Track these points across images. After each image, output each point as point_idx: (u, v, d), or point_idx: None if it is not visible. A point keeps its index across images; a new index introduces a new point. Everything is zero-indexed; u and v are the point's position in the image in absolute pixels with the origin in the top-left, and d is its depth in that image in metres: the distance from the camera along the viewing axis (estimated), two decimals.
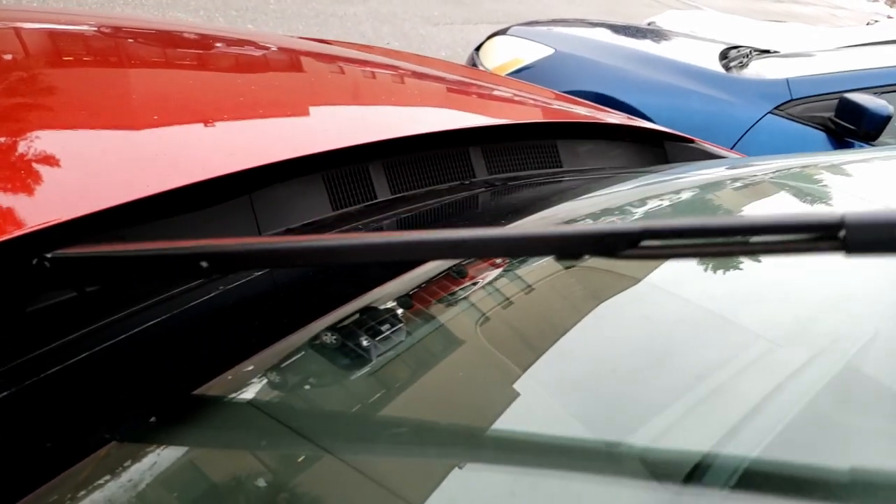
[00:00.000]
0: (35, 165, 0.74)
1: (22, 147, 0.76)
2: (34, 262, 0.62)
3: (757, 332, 0.73)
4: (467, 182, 1.21)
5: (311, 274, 0.85)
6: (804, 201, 1.12)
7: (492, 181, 1.24)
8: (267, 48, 1.42)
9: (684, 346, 0.72)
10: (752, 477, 0.54)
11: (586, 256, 0.53)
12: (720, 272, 0.85)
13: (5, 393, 0.60)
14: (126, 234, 0.75)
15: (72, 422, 0.60)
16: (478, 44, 3.91)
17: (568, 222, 1.03)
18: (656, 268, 0.84)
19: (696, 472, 0.53)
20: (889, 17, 15.21)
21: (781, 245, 0.45)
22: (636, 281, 0.83)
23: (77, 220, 0.65)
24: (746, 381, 0.65)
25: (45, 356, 0.64)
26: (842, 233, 0.42)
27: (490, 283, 0.83)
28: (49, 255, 0.62)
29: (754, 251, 0.46)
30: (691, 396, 0.62)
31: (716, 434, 0.57)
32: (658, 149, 1.65)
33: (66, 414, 0.61)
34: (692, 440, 0.58)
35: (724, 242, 0.48)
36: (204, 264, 0.59)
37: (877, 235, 0.42)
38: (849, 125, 2.80)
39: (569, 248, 0.53)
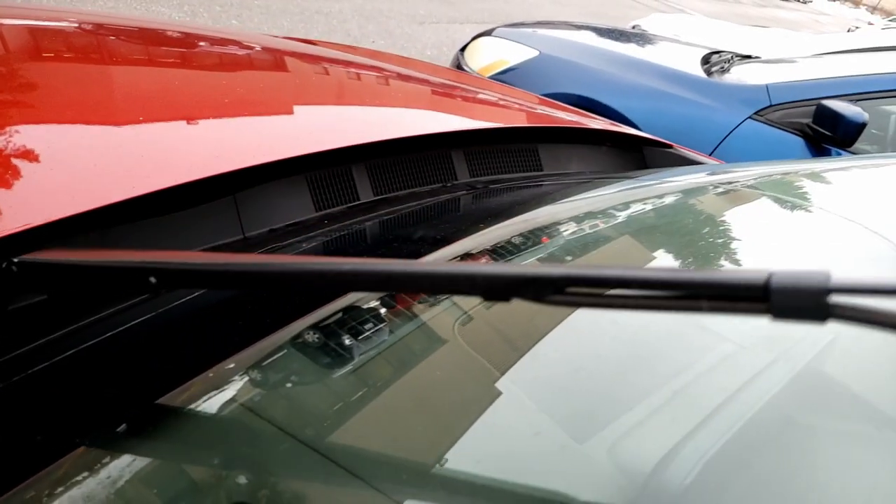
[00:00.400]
0: (15, 164, 0.74)
1: (1, 145, 0.77)
2: (2, 265, 0.62)
3: (723, 336, 0.76)
4: (449, 185, 1.22)
5: None
6: (783, 208, 1.15)
7: (473, 184, 1.26)
8: (252, 49, 1.43)
9: (655, 348, 0.75)
10: (714, 472, 0.56)
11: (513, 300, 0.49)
12: None
13: None
14: (110, 235, 0.76)
15: (47, 422, 0.61)
16: (463, 44, 3.93)
17: (549, 225, 1.05)
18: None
19: (661, 467, 0.56)
20: (870, 23, 15.40)
21: (707, 305, 0.43)
22: None
23: (57, 222, 0.65)
24: (712, 381, 0.68)
25: (20, 357, 0.65)
26: (767, 298, 0.40)
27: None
28: (16, 260, 0.62)
29: (677, 308, 0.45)
30: (660, 396, 0.65)
31: (681, 431, 0.59)
32: (637, 153, 1.67)
33: (43, 414, 0.62)
34: (659, 437, 0.60)
35: (648, 296, 0.45)
36: (152, 279, 0.57)
37: (801, 303, 0.40)
38: (826, 131, 2.85)
39: (496, 289, 0.49)
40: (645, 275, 0.46)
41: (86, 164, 0.76)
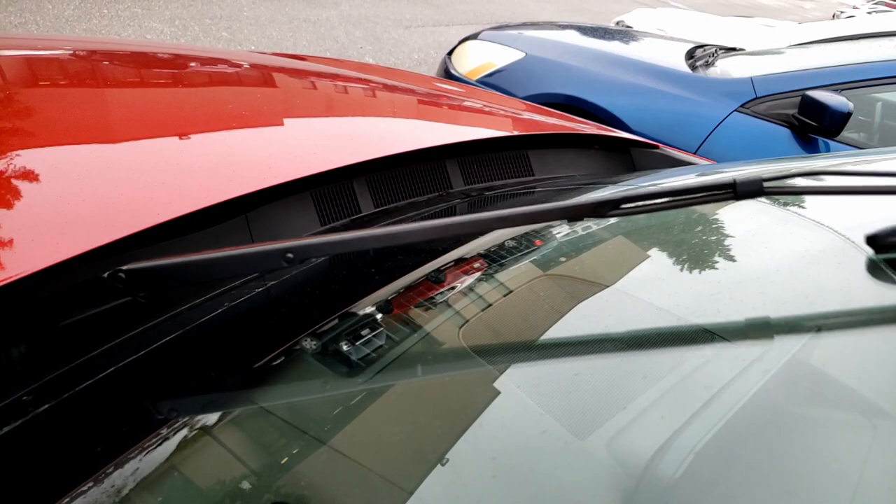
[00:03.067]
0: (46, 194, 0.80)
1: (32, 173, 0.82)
2: (106, 275, 0.69)
3: (714, 331, 0.79)
4: (445, 193, 1.26)
5: (301, 287, 0.91)
6: (776, 206, 1.16)
7: (468, 191, 1.30)
8: (252, 70, 1.47)
9: (649, 347, 0.78)
10: (707, 463, 0.60)
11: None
12: (681, 279, 0.92)
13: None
14: (135, 255, 0.81)
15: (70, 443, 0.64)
16: (450, 48, 3.97)
17: (542, 229, 1.08)
18: (623, 275, 0.90)
19: (657, 459, 0.59)
20: (855, 7, 15.38)
21: (700, 198, 0.85)
22: (604, 287, 0.90)
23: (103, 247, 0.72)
24: (704, 376, 0.71)
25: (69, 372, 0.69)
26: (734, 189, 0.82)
27: (468, 288, 0.87)
28: (124, 268, 0.69)
29: (690, 203, 0.85)
30: (655, 392, 0.68)
31: (675, 425, 0.63)
32: (624, 155, 1.71)
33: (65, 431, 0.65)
34: (655, 431, 0.63)
35: (667, 202, 0.83)
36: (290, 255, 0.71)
37: (750, 188, 0.83)
38: (811, 122, 2.87)
39: (573, 213, 0.80)
40: (661, 188, 0.80)
41: (111, 196, 0.81)
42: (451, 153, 1.31)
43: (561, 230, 1.07)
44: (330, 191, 1.07)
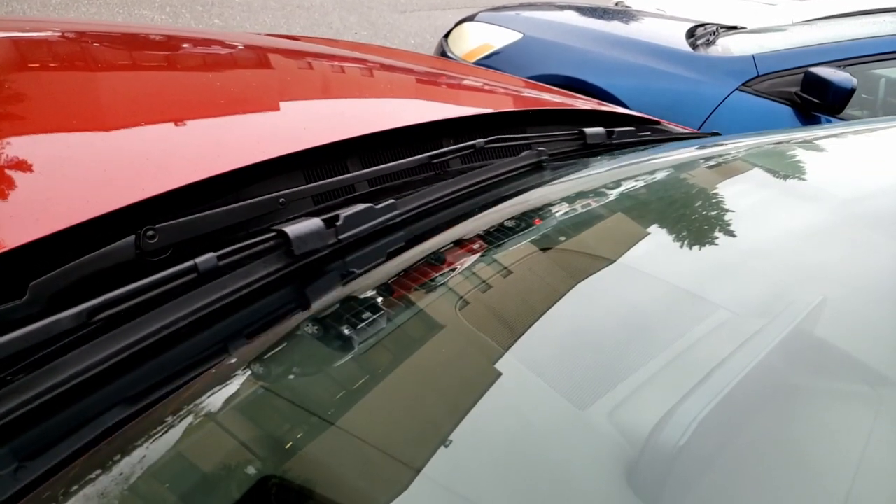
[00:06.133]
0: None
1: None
2: (141, 231, 0.73)
3: (718, 303, 0.78)
4: (441, 172, 1.23)
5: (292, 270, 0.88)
6: (777, 177, 1.16)
7: (465, 170, 1.26)
8: (244, 50, 1.43)
9: (650, 319, 0.77)
10: (709, 433, 0.59)
11: None
12: (682, 252, 0.90)
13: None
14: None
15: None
16: (446, 31, 3.92)
17: (543, 207, 1.06)
18: (624, 250, 0.89)
19: (658, 429, 0.58)
20: None
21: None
22: (604, 261, 0.88)
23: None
24: (706, 347, 0.70)
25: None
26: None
27: (468, 268, 0.86)
28: (157, 227, 0.74)
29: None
30: (656, 363, 0.67)
31: (677, 395, 0.62)
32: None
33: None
34: (656, 402, 0.62)
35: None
36: (282, 200, 0.86)
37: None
38: (814, 99, 2.84)
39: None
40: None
41: (102, 170, 0.80)
42: (448, 132, 1.27)
43: (560, 207, 1.05)
44: (323, 170, 1.03)
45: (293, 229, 0.82)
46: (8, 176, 0.77)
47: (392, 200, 0.99)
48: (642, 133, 1.51)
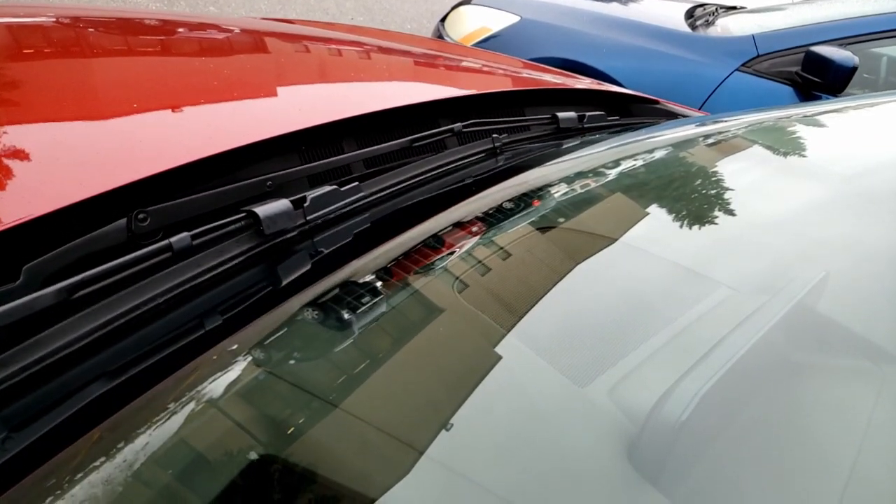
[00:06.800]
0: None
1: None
2: (133, 214, 0.76)
3: (719, 281, 0.77)
4: (440, 154, 1.21)
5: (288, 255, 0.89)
6: (777, 153, 1.15)
7: (462, 151, 1.25)
8: (237, 33, 1.42)
9: (651, 297, 0.76)
10: (710, 409, 0.58)
11: None
12: (681, 230, 0.89)
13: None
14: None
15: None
16: (443, 15, 3.89)
17: (541, 187, 1.05)
18: (623, 229, 0.88)
19: (659, 406, 0.58)
20: None
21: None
22: (604, 240, 0.87)
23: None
24: (707, 324, 0.70)
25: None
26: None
27: (467, 250, 0.85)
28: (148, 209, 0.77)
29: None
30: (657, 340, 0.67)
31: (678, 372, 0.61)
32: (624, 111, 1.66)
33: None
34: (657, 379, 0.62)
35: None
36: (269, 183, 0.91)
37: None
38: (815, 78, 2.82)
39: None
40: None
41: (91, 154, 0.80)
42: (445, 113, 1.25)
43: (559, 188, 1.03)
44: (319, 152, 1.02)
45: (263, 210, 0.86)
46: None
47: (356, 183, 1.02)
48: (611, 118, 1.51)
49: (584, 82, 1.68)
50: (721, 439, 0.57)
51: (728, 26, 3.40)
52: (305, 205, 0.92)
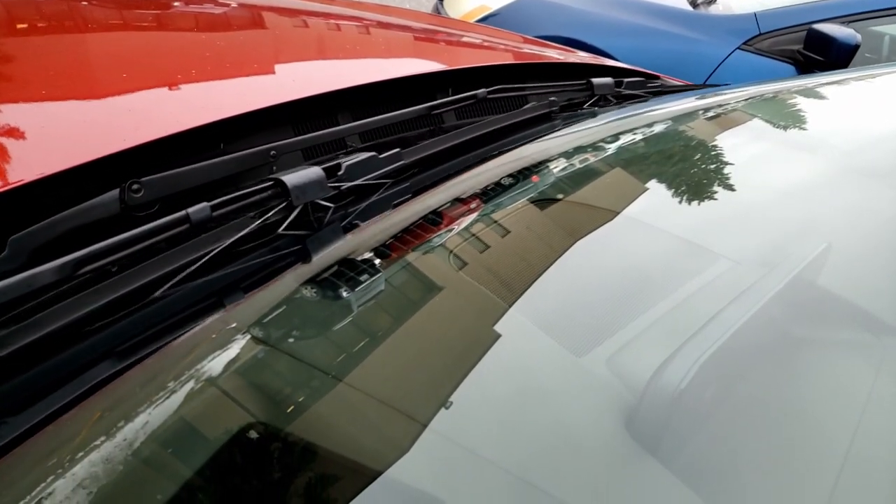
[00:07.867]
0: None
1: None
2: (126, 185, 0.71)
3: (719, 253, 0.77)
4: (436, 128, 1.20)
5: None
6: (778, 126, 1.14)
7: (460, 125, 1.24)
8: (235, 4, 1.40)
9: (650, 269, 0.76)
10: (708, 379, 0.58)
11: None
12: (682, 203, 0.89)
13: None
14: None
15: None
16: None
17: (541, 162, 1.04)
18: (623, 202, 0.87)
19: (658, 378, 0.58)
20: None
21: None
22: (604, 213, 0.86)
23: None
24: (706, 296, 0.69)
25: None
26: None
27: (466, 226, 0.85)
28: (142, 180, 0.72)
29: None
30: (656, 312, 0.67)
31: (676, 343, 0.61)
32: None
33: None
34: (656, 349, 0.62)
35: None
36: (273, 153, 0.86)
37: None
38: (817, 57, 2.79)
39: None
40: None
41: (89, 120, 0.79)
42: (442, 87, 1.24)
43: (558, 163, 1.03)
44: (314, 124, 1.01)
45: (291, 178, 0.79)
46: None
47: (398, 150, 0.95)
48: (652, 84, 1.48)
49: (584, 57, 1.67)
50: (720, 411, 0.57)
51: (730, 4, 3.36)
52: (340, 173, 0.85)
